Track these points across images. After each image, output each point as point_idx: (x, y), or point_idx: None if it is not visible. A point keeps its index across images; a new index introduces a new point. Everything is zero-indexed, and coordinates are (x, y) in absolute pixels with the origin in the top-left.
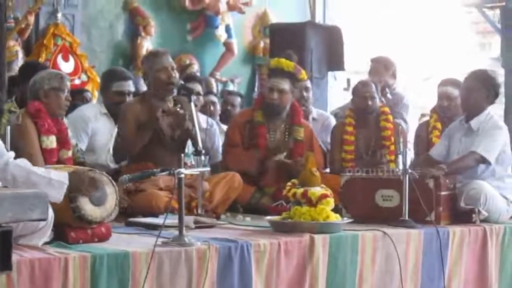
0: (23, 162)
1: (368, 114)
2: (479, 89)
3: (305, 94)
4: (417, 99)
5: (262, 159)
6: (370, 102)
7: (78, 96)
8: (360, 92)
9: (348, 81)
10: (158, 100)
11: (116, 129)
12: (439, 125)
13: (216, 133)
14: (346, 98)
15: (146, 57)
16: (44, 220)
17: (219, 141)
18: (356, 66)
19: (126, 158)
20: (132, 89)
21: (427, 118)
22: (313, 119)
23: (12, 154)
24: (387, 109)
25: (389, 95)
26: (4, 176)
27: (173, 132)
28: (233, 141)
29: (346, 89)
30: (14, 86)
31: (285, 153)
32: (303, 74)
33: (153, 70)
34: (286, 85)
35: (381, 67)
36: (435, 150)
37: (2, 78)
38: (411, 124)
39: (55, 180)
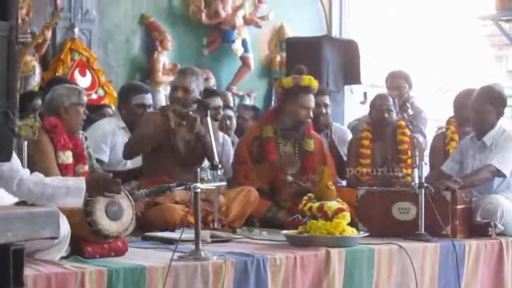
0: (37, 176)
1: (384, 127)
2: (490, 110)
3: (324, 110)
4: (432, 112)
5: (273, 178)
6: (386, 115)
7: (98, 111)
8: (377, 105)
9: (365, 94)
10: (175, 114)
11: None
12: (456, 137)
13: (230, 149)
14: (362, 111)
15: (177, 72)
16: (55, 238)
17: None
18: (372, 80)
19: (134, 154)
20: (151, 102)
21: (443, 130)
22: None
23: (27, 171)
24: (403, 123)
25: (410, 111)
26: (20, 192)
27: (186, 146)
28: (241, 158)
29: (363, 103)
30: (33, 101)
31: (296, 166)
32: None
33: (172, 86)
34: (314, 102)
35: (401, 81)
36: (448, 165)
37: (14, 99)
38: (428, 138)
39: (73, 187)
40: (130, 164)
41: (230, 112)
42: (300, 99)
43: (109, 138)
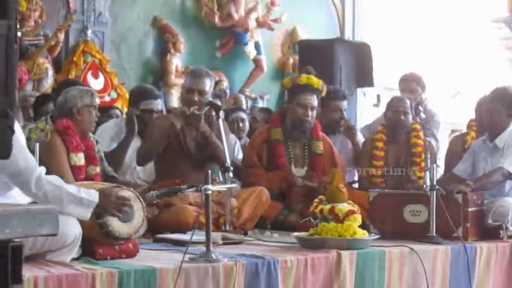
0: (55, 179)
1: (399, 130)
2: (501, 110)
3: (344, 114)
4: (446, 115)
5: (285, 180)
6: (403, 117)
7: (106, 113)
8: (394, 106)
9: (378, 97)
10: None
11: None
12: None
13: (240, 151)
14: (376, 114)
15: (187, 72)
16: (54, 235)
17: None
18: (385, 82)
19: (148, 160)
20: (160, 107)
21: (456, 134)
22: None
23: (43, 169)
24: (418, 126)
25: (422, 114)
26: (36, 190)
27: (197, 146)
28: (250, 161)
29: (376, 105)
30: (48, 103)
31: (305, 168)
32: (325, 90)
33: (183, 87)
34: (316, 101)
35: (413, 84)
36: (460, 168)
37: (12, 96)
38: (441, 141)
39: (86, 199)
40: (139, 168)
41: (242, 115)
42: (297, 98)
43: (116, 143)
